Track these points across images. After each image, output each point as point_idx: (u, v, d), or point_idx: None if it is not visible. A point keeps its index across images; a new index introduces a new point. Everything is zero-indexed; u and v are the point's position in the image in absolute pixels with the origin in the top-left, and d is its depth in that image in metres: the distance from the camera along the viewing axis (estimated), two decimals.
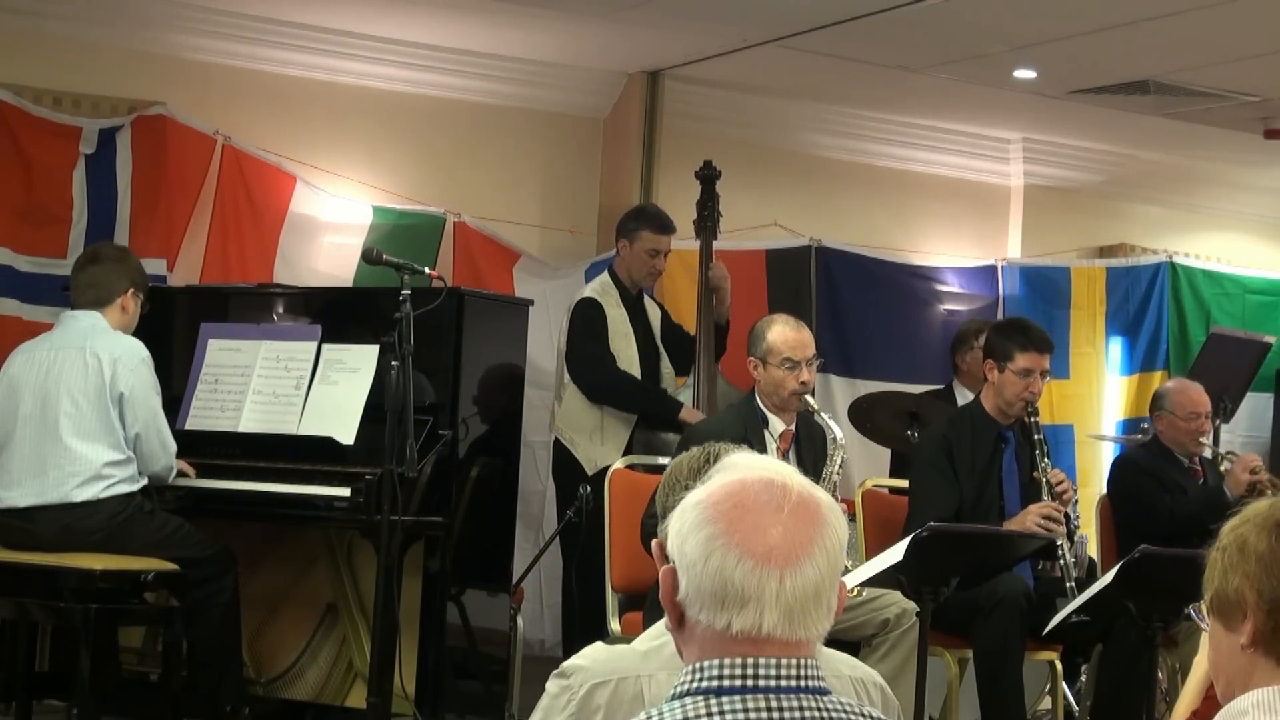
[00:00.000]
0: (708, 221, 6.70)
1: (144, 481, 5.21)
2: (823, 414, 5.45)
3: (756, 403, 5.38)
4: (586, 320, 6.33)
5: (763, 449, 5.05)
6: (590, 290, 6.46)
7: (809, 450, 5.37)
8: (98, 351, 5.14)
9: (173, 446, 5.25)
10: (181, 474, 5.35)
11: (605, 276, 6.53)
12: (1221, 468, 6.43)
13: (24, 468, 5.14)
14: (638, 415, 6.31)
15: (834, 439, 5.33)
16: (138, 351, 5.20)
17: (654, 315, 6.60)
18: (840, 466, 5.31)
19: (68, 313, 5.36)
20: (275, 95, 7.37)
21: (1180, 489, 6.26)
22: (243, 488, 5.38)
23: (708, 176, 6.80)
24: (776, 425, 5.35)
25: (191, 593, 5.19)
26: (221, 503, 5.41)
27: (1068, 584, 5.22)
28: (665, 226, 6.49)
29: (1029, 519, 5.30)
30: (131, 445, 5.15)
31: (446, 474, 5.37)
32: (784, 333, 5.32)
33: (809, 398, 5.33)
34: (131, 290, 5.33)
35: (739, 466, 1.91)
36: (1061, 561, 5.26)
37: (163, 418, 5.25)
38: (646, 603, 5.08)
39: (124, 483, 5.13)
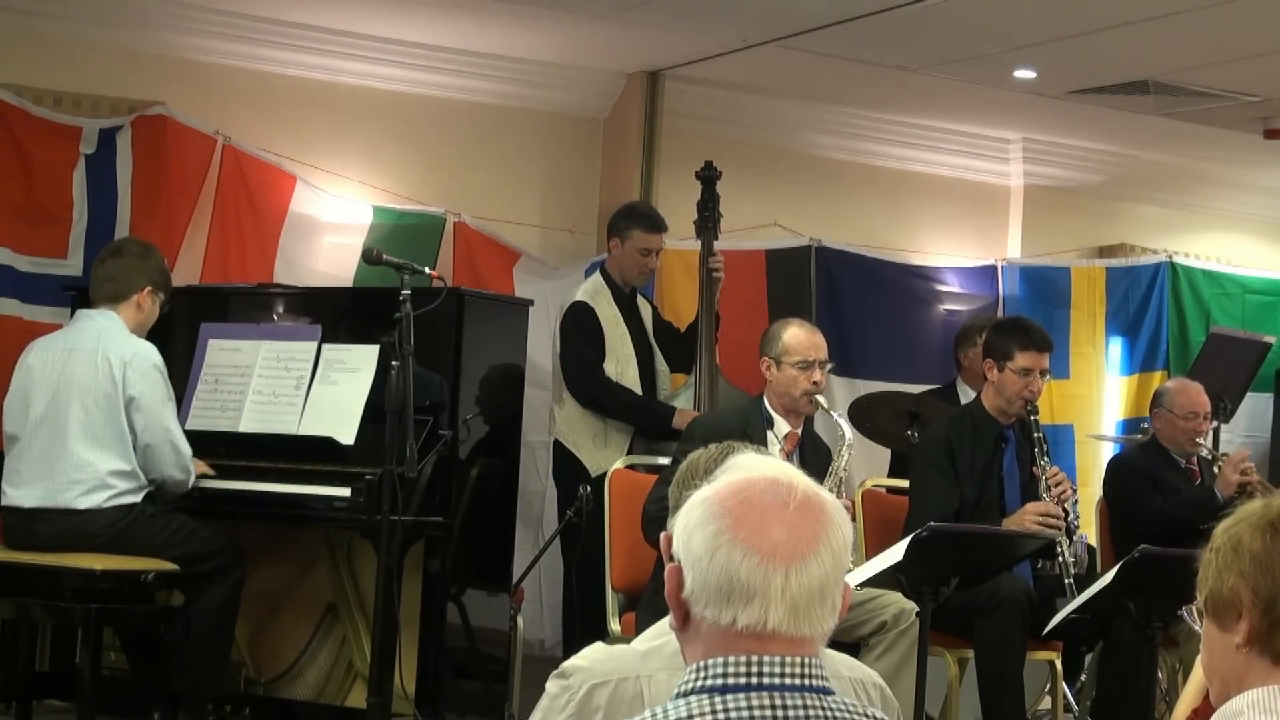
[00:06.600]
0: (709, 222, 6.67)
1: (149, 489, 5.20)
2: (834, 411, 5.47)
3: (764, 404, 5.39)
4: (577, 328, 6.31)
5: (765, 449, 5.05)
6: (582, 293, 6.43)
7: (813, 459, 5.37)
8: (109, 355, 5.14)
9: (187, 452, 5.22)
10: (202, 475, 5.33)
11: (597, 276, 6.51)
12: (1215, 469, 6.43)
13: (33, 468, 5.15)
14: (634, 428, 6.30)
15: (842, 435, 5.35)
16: (149, 356, 5.19)
17: (646, 314, 6.57)
18: (846, 464, 5.32)
19: (83, 311, 5.36)
20: (275, 95, 7.36)
21: (1175, 489, 6.25)
22: (243, 488, 5.38)
23: (708, 177, 6.78)
24: (782, 427, 5.36)
25: (199, 585, 5.19)
26: (222, 503, 5.40)
27: (1066, 580, 5.22)
28: (656, 225, 6.47)
29: (1026, 519, 5.31)
30: (140, 452, 5.15)
31: (446, 474, 5.37)
32: (798, 334, 5.37)
33: (820, 398, 5.36)
34: (149, 289, 5.32)
35: (745, 466, 1.92)
36: (1060, 559, 5.26)
37: (175, 424, 5.23)
38: (640, 603, 5.09)
39: (127, 494, 5.13)
